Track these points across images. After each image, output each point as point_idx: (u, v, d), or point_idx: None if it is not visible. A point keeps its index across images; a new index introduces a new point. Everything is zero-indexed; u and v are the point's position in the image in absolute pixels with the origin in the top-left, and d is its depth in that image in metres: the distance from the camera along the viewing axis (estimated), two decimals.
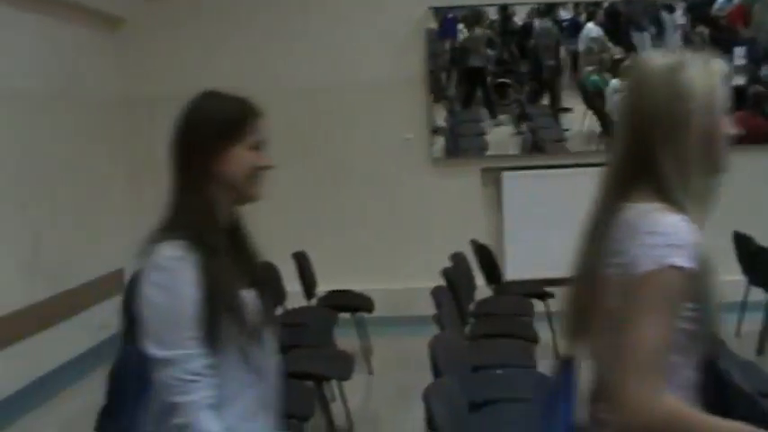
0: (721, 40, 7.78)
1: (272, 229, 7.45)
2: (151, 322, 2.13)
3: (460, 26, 7.96)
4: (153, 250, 2.15)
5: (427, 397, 3.10)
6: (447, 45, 7.96)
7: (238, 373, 2.19)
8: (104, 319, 7.23)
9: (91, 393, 6.28)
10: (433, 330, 4.72)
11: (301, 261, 6.67)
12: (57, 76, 6.69)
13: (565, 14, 8.03)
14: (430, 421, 3.04)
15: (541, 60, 8.08)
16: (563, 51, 8.09)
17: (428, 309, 4.99)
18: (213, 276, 2.13)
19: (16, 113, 6.04)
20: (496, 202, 7.94)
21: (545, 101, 8.16)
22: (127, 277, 7.60)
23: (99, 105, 7.27)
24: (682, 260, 1.78)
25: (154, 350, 2.12)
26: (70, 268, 6.66)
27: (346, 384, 5.18)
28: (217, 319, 2.13)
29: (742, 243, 6.62)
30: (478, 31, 7.99)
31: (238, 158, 2.20)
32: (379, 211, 7.88)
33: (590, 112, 8.03)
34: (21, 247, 6.05)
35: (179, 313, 2.11)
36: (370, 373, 6.34)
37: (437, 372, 3.62)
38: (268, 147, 2.27)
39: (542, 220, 7.31)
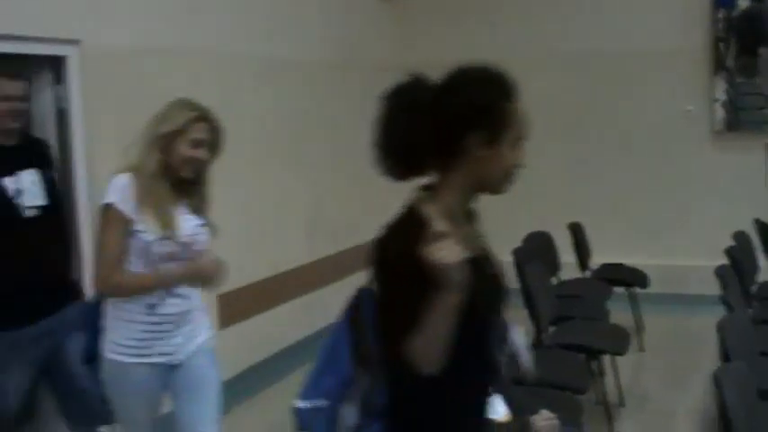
0: None
1: (548, 198, 7.53)
2: None
3: None
4: None
5: (718, 381, 2.97)
6: (721, 14, 7.45)
7: None
8: None
9: None
10: (712, 311, 4.52)
11: (576, 232, 6.59)
12: (339, 45, 6.97)
13: None
14: (722, 407, 2.90)
15: None
16: None
17: (704, 288, 4.78)
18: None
19: (301, 81, 6.38)
20: None
21: None
22: None
23: (375, 73, 7.50)
24: None
25: None
26: (351, 227, 6.98)
27: (618, 360, 5.09)
28: None
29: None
30: None
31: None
32: (656, 185, 7.59)
33: None
34: (304, 208, 6.41)
35: None
36: (642, 350, 6.16)
37: (726, 355, 3.46)
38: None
39: None
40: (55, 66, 4.26)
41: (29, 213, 3.50)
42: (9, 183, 3.47)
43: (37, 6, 4.06)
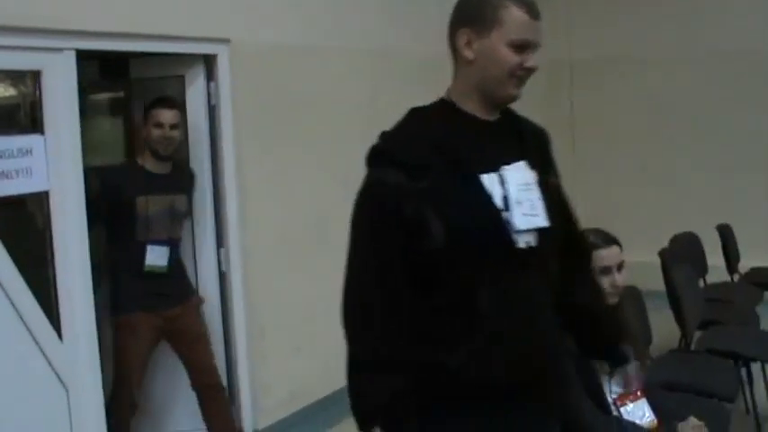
0: None
1: (694, 198, 7.27)
2: None
3: None
4: None
5: None
6: None
7: None
8: None
9: None
10: None
11: (725, 234, 6.33)
12: None
13: None
14: None
15: None
16: None
17: None
18: None
19: (442, 79, 6.33)
20: None
21: None
22: None
23: None
24: None
25: None
26: None
27: None
28: None
29: None
30: None
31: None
32: None
33: None
34: None
35: None
36: None
37: None
38: None
39: None
40: (207, 64, 4.41)
41: None
42: None
43: (190, 8, 4.21)
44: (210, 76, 4.42)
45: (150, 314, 3.95)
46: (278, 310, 4.71)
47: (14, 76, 3.75)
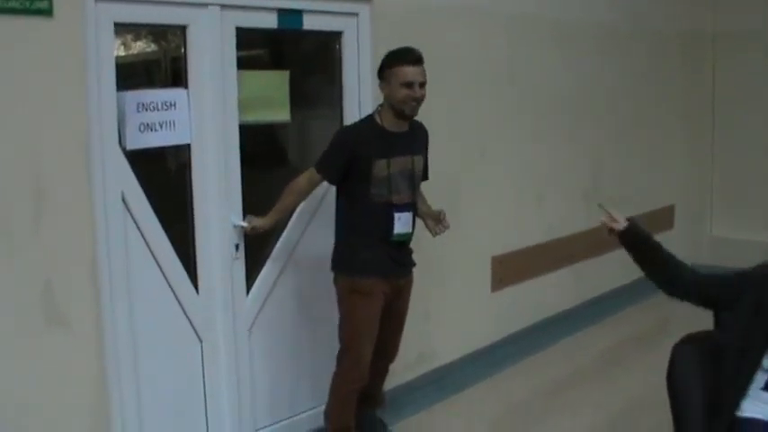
0: None
1: None
2: None
3: None
4: None
5: None
6: None
7: None
8: None
9: (636, 323, 6.39)
10: None
11: None
12: (626, 11, 6.64)
13: None
14: None
15: None
16: None
17: None
18: None
19: (586, 48, 6.13)
20: None
21: None
22: (677, 215, 7.49)
23: (660, 40, 7.10)
24: None
25: None
26: (626, 198, 6.70)
27: None
28: None
29: None
30: None
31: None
32: None
33: None
34: (582, 175, 6.22)
35: None
36: None
37: None
38: None
39: None
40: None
41: None
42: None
43: None
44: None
45: (384, 281, 3.80)
46: None
47: (157, 32, 3.81)
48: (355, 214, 3.79)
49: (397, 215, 3.75)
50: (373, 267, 3.77)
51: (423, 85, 3.71)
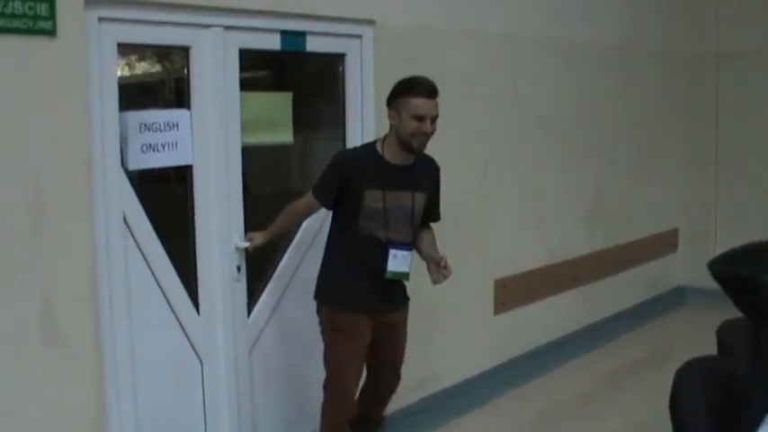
0: None
1: None
2: None
3: None
4: None
5: None
6: None
7: None
8: (655, 276, 7.20)
9: (640, 347, 6.37)
10: None
11: None
12: (630, 30, 6.66)
13: None
14: None
15: None
16: None
17: None
18: None
19: (590, 67, 6.15)
20: None
21: None
22: (681, 238, 7.46)
23: (662, 60, 7.12)
24: None
25: None
26: (628, 222, 6.70)
27: None
28: None
29: None
30: None
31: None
32: None
33: None
34: (584, 198, 6.21)
35: None
36: None
37: None
38: None
39: None
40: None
41: None
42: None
43: None
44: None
45: (369, 318, 3.61)
46: None
47: (160, 53, 3.81)
48: (341, 244, 3.63)
49: (392, 252, 3.56)
50: (356, 302, 3.60)
51: (435, 119, 3.50)
